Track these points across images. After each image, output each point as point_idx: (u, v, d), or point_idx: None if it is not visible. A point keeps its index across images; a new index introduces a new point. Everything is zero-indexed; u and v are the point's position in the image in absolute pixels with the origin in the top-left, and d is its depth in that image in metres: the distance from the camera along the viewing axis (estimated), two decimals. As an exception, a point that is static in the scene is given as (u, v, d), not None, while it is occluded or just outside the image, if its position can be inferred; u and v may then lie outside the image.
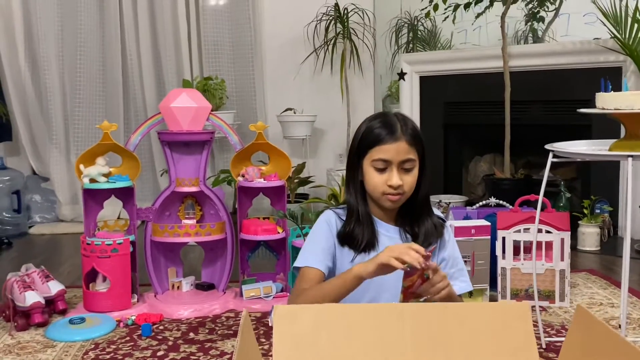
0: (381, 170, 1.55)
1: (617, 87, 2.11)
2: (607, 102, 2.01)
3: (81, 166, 2.65)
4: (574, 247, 3.44)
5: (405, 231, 1.63)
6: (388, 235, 1.62)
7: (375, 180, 1.56)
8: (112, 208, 3.89)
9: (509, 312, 1.15)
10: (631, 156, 1.92)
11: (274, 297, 2.72)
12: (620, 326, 2.05)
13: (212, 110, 2.80)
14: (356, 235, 1.59)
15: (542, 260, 2.68)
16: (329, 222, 1.63)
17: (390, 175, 1.54)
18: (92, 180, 2.64)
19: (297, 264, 1.60)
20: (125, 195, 2.73)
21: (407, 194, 1.58)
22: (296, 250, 2.76)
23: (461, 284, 1.65)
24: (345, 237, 1.60)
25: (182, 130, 2.70)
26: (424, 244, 1.57)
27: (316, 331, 1.14)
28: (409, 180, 1.56)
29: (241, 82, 4.85)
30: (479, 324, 1.14)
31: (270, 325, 2.32)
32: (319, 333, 1.13)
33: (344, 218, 1.62)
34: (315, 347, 1.13)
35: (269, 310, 2.61)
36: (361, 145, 1.59)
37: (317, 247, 1.60)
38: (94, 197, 2.71)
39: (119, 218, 4.02)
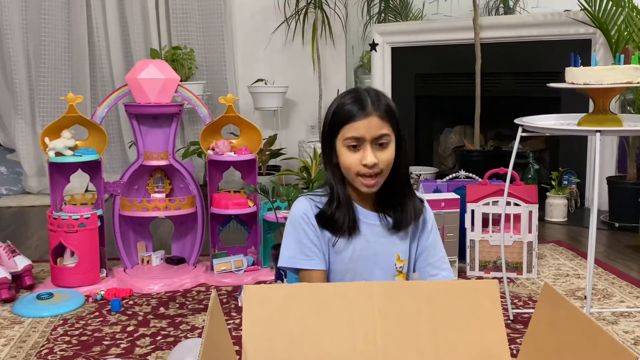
0: (354, 149, 1.45)
1: (587, 59, 2.12)
2: (576, 76, 2.02)
3: (46, 139, 2.59)
4: (541, 218, 3.49)
5: (386, 216, 1.54)
6: (367, 222, 1.53)
7: (349, 161, 1.46)
8: (79, 181, 3.84)
9: (477, 289, 1.16)
10: (599, 131, 1.93)
11: (245, 271, 2.72)
12: (585, 297, 2.08)
13: (181, 81, 2.75)
14: (337, 220, 1.50)
15: (510, 232, 2.71)
16: (305, 215, 1.51)
17: (364, 154, 1.44)
18: (58, 154, 2.58)
19: (287, 264, 1.52)
20: (93, 168, 2.68)
21: (385, 173, 1.47)
22: (267, 224, 2.76)
23: (443, 273, 1.58)
24: (326, 222, 1.51)
25: (150, 102, 2.65)
26: (406, 229, 1.52)
27: (286, 310, 1.13)
28: (385, 157, 1.45)
29: (211, 52, 4.77)
30: (448, 301, 1.15)
31: (240, 305, 2.32)
32: (289, 312, 1.13)
33: (320, 206, 1.52)
34: (285, 326, 1.13)
35: (240, 285, 2.61)
36: (332, 124, 1.49)
37: (307, 245, 1.50)
38: (60, 171, 2.66)
39: (86, 191, 3.98)
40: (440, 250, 1.61)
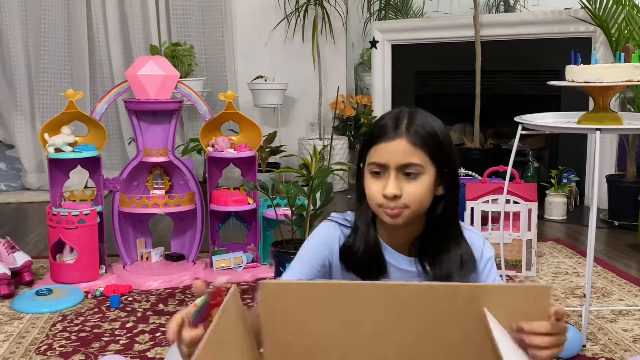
0: (377, 176, 1.26)
1: (587, 57, 2.12)
2: (576, 74, 2.02)
3: (46, 135, 2.59)
4: (540, 216, 3.50)
5: (422, 264, 1.33)
6: (398, 266, 1.34)
7: (371, 189, 1.27)
8: (78, 177, 3.84)
9: (528, 294, 1.06)
10: (599, 129, 1.93)
11: (244, 268, 2.72)
12: (584, 295, 2.09)
13: (180, 77, 2.75)
14: (360, 260, 1.32)
15: (510, 230, 2.71)
16: (328, 241, 1.34)
17: (386, 183, 1.24)
18: (58, 150, 2.58)
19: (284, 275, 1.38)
20: (92, 165, 2.68)
21: (413, 209, 1.25)
22: (267, 221, 2.76)
23: None
24: (348, 260, 1.33)
25: (150, 99, 2.65)
26: (452, 276, 1.30)
27: (305, 307, 1.10)
28: (411, 191, 1.23)
29: (211, 49, 4.76)
30: (493, 306, 1.06)
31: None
32: (308, 309, 1.09)
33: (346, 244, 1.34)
34: (304, 323, 1.09)
35: (238, 282, 2.61)
36: (363, 147, 1.30)
37: (304, 262, 1.34)
38: (59, 167, 2.66)
39: (85, 187, 3.98)
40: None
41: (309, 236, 1.39)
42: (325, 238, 1.35)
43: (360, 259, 1.31)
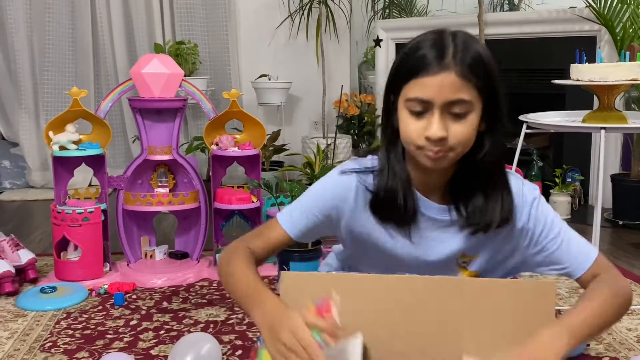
0: (418, 115, 1.10)
1: (592, 56, 2.12)
2: (581, 73, 2.02)
3: (50, 133, 2.60)
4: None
5: (458, 210, 1.19)
6: (427, 214, 1.20)
7: (409, 129, 1.11)
8: (82, 175, 3.85)
9: (532, 290, 1.08)
10: (604, 128, 1.93)
11: (248, 266, 2.72)
12: (588, 295, 2.08)
13: (184, 76, 2.75)
14: (394, 202, 1.17)
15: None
16: (340, 193, 1.22)
17: (430, 122, 1.08)
18: (62, 148, 2.59)
19: (282, 220, 1.32)
20: (96, 162, 2.69)
21: (458, 151, 1.11)
22: (270, 219, 2.76)
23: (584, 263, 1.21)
24: (379, 205, 1.20)
25: (154, 97, 2.65)
26: (484, 232, 1.17)
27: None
28: (459, 131, 1.09)
29: (215, 47, 4.76)
30: (498, 301, 1.07)
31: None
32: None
33: (372, 188, 1.21)
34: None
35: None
36: (396, 77, 1.13)
37: (305, 209, 1.26)
38: (64, 165, 2.66)
39: (90, 185, 3.99)
40: (553, 233, 1.21)
41: (319, 184, 1.27)
42: (337, 191, 1.23)
43: (394, 203, 1.17)
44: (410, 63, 1.10)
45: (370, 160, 1.24)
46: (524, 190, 1.21)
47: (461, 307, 1.08)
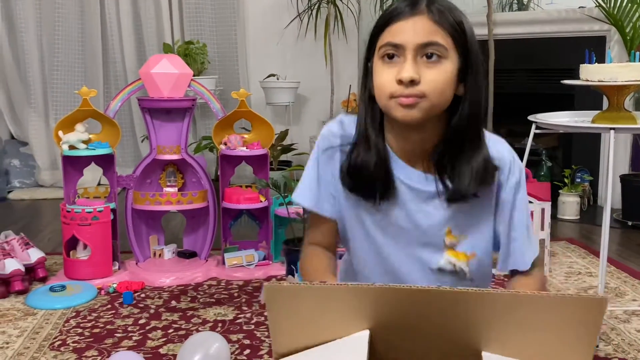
0: (391, 62, 1.06)
1: (601, 56, 2.11)
2: (590, 73, 2.01)
3: (60, 133, 2.61)
4: (553, 215, 3.48)
5: (442, 180, 1.13)
6: (410, 184, 1.14)
7: (382, 77, 1.06)
8: (92, 174, 3.86)
9: (580, 306, 0.90)
10: (613, 129, 1.92)
11: (256, 265, 2.73)
12: (597, 296, 2.07)
13: (193, 75, 2.76)
14: (364, 172, 1.13)
15: (523, 229, 2.70)
16: (332, 138, 1.19)
17: (402, 66, 1.04)
18: (72, 147, 2.60)
19: (299, 200, 1.24)
20: (106, 162, 2.70)
21: (432, 101, 1.05)
22: (279, 219, 2.77)
23: (514, 244, 1.18)
24: (348, 174, 1.15)
25: (163, 97, 2.66)
26: (461, 200, 1.11)
27: (318, 311, 1.04)
28: (431, 77, 1.04)
29: (223, 47, 4.77)
30: (536, 316, 0.91)
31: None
32: (322, 314, 1.04)
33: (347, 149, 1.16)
34: (316, 327, 1.04)
35: (250, 279, 2.63)
36: (372, 36, 1.10)
37: (320, 186, 1.20)
38: (73, 164, 2.68)
39: (99, 185, 4.00)
40: (520, 218, 1.17)
41: (311, 165, 1.23)
42: (329, 131, 1.20)
43: (364, 168, 1.12)
44: (383, 17, 1.09)
45: (348, 123, 1.20)
46: (509, 161, 1.18)
47: (486, 321, 0.95)
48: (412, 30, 1.03)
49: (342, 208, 1.21)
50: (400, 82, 1.04)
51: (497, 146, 1.18)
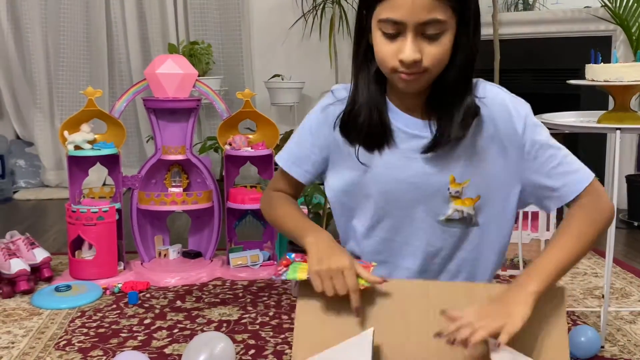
0: (391, 37, 1.07)
1: (607, 56, 2.10)
2: (596, 73, 2.00)
3: (65, 133, 2.62)
4: (559, 216, 3.46)
5: (438, 124, 1.16)
6: (407, 131, 1.17)
7: (383, 51, 1.09)
8: (97, 174, 3.87)
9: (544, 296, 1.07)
10: (619, 129, 1.91)
11: (260, 266, 2.73)
12: (603, 296, 2.07)
13: (198, 76, 2.76)
14: (357, 121, 1.17)
15: (528, 230, 2.69)
16: (324, 119, 1.23)
17: (403, 45, 1.06)
18: (77, 147, 2.61)
19: (278, 159, 1.33)
20: (111, 162, 2.70)
21: (433, 72, 1.09)
22: (283, 218, 2.76)
23: (568, 179, 1.16)
24: (345, 124, 1.19)
25: (168, 97, 2.66)
26: (452, 143, 1.14)
27: (339, 306, 1.11)
28: (434, 53, 1.07)
29: (228, 47, 4.78)
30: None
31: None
32: (342, 308, 1.11)
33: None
34: (337, 322, 1.11)
35: (255, 279, 2.63)
36: None
37: (302, 150, 1.27)
38: (78, 164, 2.68)
39: (104, 185, 4.01)
40: (555, 156, 1.16)
41: (305, 127, 1.28)
42: (321, 104, 1.25)
43: (359, 117, 1.16)
44: None
45: (345, 90, 1.23)
46: (510, 103, 1.19)
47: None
48: (412, 6, 1.03)
49: (338, 175, 1.25)
50: (401, 61, 1.07)
51: (492, 92, 1.19)
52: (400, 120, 1.18)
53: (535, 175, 1.18)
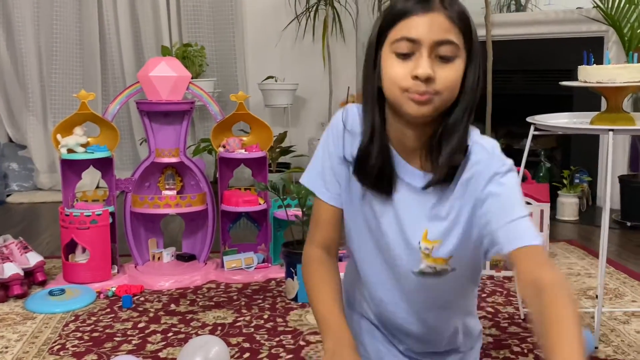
0: (405, 57, 1.05)
1: (600, 57, 2.11)
2: (589, 75, 2.01)
3: (58, 136, 2.61)
4: (552, 216, 3.48)
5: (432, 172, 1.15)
6: (411, 184, 1.16)
7: (395, 71, 1.06)
8: (90, 178, 3.87)
9: None
10: (612, 130, 1.92)
11: (255, 268, 2.72)
12: (597, 296, 2.07)
13: (191, 78, 2.76)
14: (369, 167, 1.16)
15: (522, 231, 2.70)
16: (341, 126, 1.22)
17: (418, 62, 1.04)
18: (70, 151, 2.60)
19: (306, 183, 1.31)
20: (104, 165, 2.70)
21: (443, 97, 1.07)
22: (277, 221, 2.76)
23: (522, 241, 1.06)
24: (362, 172, 1.19)
25: (162, 100, 2.66)
26: (438, 185, 1.12)
27: None
28: (446, 75, 1.05)
29: (221, 49, 4.77)
30: None
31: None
32: None
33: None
34: None
35: (249, 282, 2.62)
36: (382, 27, 1.09)
37: (327, 173, 1.25)
38: (72, 168, 2.67)
39: (97, 188, 4.00)
40: (512, 209, 1.08)
41: (324, 138, 1.26)
42: (340, 119, 1.23)
43: (373, 168, 1.16)
44: (396, 9, 1.07)
45: (353, 115, 1.23)
46: (492, 160, 1.13)
47: None
48: (429, 26, 1.03)
49: (347, 198, 1.25)
50: (415, 77, 1.04)
51: (479, 144, 1.17)
52: (401, 168, 1.17)
53: (485, 229, 1.13)
